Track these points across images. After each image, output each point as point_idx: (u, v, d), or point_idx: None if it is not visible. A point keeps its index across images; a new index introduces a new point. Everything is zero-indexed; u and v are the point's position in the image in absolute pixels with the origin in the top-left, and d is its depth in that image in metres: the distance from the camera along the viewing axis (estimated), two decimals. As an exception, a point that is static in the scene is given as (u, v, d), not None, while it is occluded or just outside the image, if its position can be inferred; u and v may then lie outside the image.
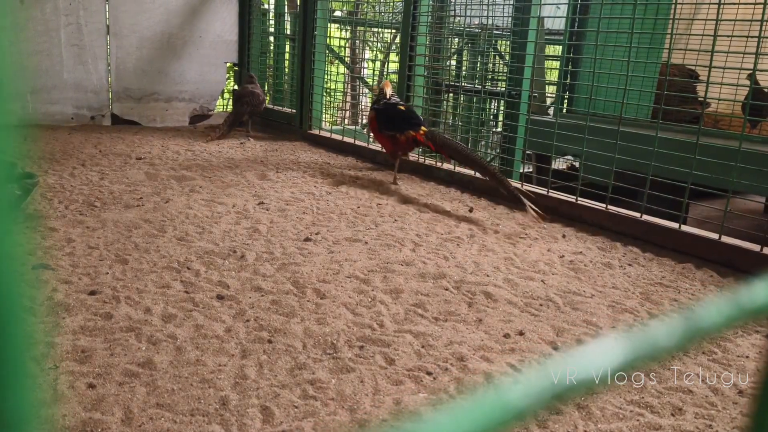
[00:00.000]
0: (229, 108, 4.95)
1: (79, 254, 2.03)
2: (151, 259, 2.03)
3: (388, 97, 3.35)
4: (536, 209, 2.74)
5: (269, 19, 5.26)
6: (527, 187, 3.05)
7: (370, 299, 1.84)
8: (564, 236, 2.60)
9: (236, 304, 1.75)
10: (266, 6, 5.32)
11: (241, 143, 4.25)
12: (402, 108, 3.31)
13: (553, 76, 6.44)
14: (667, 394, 1.43)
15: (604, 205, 2.75)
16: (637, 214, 2.64)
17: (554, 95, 5.05)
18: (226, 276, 1.93)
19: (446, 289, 1.95)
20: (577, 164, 4.39)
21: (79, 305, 1.67)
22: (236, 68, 5.14)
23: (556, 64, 6.42)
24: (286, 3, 5.42)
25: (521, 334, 1.68)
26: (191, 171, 3.30)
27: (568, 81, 4.78)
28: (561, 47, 5.79)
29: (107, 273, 1.89)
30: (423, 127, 3.21)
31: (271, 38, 5.31)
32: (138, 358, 1.43)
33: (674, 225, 2.53)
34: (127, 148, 3.76)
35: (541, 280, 2.08)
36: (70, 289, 1.77)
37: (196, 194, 2.85)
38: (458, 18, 4.35)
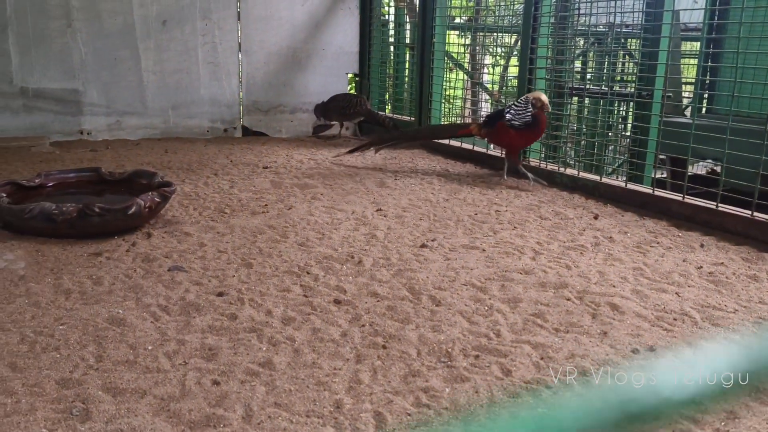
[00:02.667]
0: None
1: (210, 258, 2.15)
2: (274, 263, 2.11)
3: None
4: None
5: (389, 29, 5.35)
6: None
7: (486, 308, 1.79)
8: (702, 246, 2.39)
9: (352, 309, 1.77)
10: (386, 17, 5.41)
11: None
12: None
13: (690, 73, 6.00)
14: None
15: (750, 212, 2.50)
16: (790, 222, 2.38)
17: (691, 94, 4.69)
18: (344, 281, 1.96)
19: (568, 300, 1.85)
20: (718, 168, 4.04)
21: (208, 306, 1.76)
22: (357, 78, 5.26)
23: (693, 61, 5.98)
24: (406, 13, 5.48)
25: (652, 350, 1.55)
26: (313, 179, 3.41)
27: (707, 79, 4.43)
28: (699, 43, 5.38)
29: (233, 276, 1.99)
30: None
31: (391, 48, 5.38)
32: (259, 358, 1.48)
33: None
34: (255, 158, 3.96)
35: (675, 293, 1.92)
36: (200, 290, 1.87)
37: (317, 201, 2.93)
38: (583, 17, 4.16)
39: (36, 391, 1.32)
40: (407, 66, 5.31)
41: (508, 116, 3.35)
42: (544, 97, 3.30)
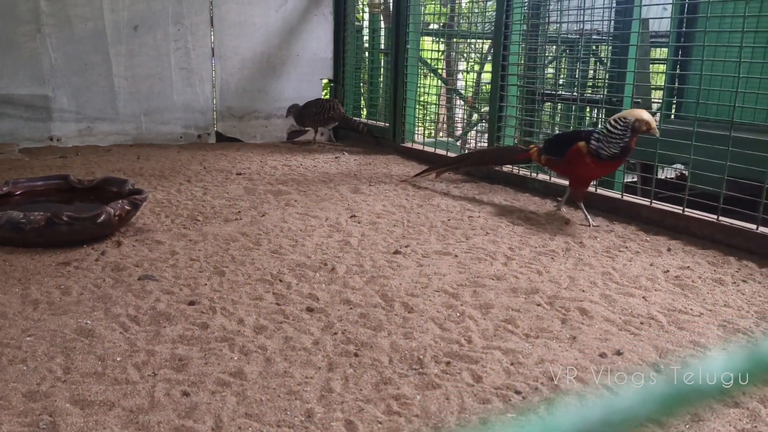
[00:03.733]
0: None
1: (182, 266, 2.13)
2: (246, 271, 2.10)
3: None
4: None
5: (364, 35, 5.36)
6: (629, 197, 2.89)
7: (458, 314, 1.80)
8: (669, 250, 2.44)
9: (325, 316, 1.77)
10: (361, 23, 5.42)
11: (336, 158, 4.34)
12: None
13: (659, 80, 6.12)
14: (787, 425, 1.29)
15: (716, 217, 2.56)
16: (753, 226, 2.44)
17: (660, 100, 4.78)
18: (317, 288, 1.97)
19: (539, 305, 1.88)
20: (687, 172, 4.12)
21: (179, 315, 1.75)
22: (331, 84, 5.26)
23: (663, 67, 6.10)
24: (380, 18, 5.50)
25: (619, 353, 1.58)
26: (287, 185, 3.40)
27: (676, 85, 4.51)
28: (667, 50, 5.49)
29: (206, 284, 1.98)
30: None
31: (366, 54, 5.39)
32: (230, 367, 1.48)
33: (797, 238, 2.31)
34: (228, 165, 3.94)
35: (643, 297, 1.96)
36: (171, 299, 1.86)
37: (291, 208, 2.93)
38: (554, 25, 4.22)
39: (2, 404, 1.30)
40: (382, 72, 5.33)
41: (593, 144, 2.66)
42: (648, 116, 2.58)
